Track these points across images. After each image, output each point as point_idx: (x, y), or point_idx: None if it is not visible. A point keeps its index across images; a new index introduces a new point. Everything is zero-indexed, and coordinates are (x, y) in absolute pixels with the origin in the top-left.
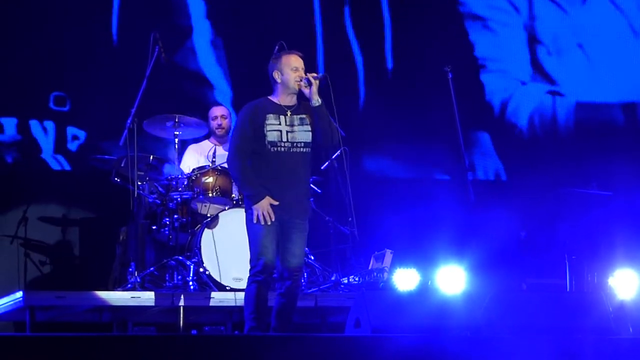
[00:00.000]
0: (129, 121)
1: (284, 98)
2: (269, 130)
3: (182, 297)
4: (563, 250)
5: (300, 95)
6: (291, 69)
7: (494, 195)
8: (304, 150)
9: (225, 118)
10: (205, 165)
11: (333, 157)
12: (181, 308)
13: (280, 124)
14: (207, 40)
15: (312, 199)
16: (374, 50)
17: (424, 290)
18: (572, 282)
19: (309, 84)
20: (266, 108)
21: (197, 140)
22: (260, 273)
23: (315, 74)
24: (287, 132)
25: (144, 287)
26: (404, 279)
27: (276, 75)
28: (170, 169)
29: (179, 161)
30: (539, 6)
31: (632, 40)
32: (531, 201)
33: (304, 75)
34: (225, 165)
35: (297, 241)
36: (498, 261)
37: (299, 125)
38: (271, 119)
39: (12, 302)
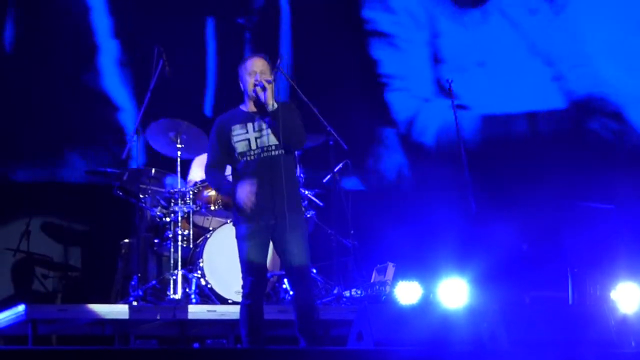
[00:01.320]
0: (132, 133)
1: (250, 104)
2: (237, 142)
3: (184, 310)
4: (565, 263)
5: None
6: (248, 74)
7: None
8: (277, 152)
9: None
10: None
11: (335, 170)
12: (183, 321)
13: (247, 132)
14: (113, 59)
15: (314, 212)
16: None
17: (427, 304)
18: (574, 295)
19: (263, 88)
20: (233, 119)
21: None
22: (248, 296)
23: (268, 77)
24: (256, 138)
25: (146, 300)
26: (406, 292)
27: (241, 82)
28: (173, 182)
29: (187, 174)
30: (442, 23)
31: (528, 56)
32: (533, 214)
33: (259, 79)
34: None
35: (292, 240)
36: (500, 274)
37: (267, 128)
38: (237, 130)
39: (14, 316)
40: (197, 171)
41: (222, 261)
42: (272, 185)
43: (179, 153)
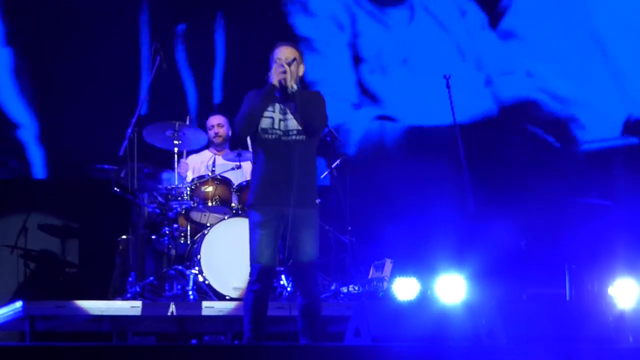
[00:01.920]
0: (129, 131)
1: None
2: (263, 117)
3: (182, 306)
4: (563, 259)
5: (301, 82)
6: (275, 60)
7: (494, 204)
8: (297, 137)
9: (222, 126)
10: (205, 175)
11: (333, 166)
12: (181, 318)
13: (274, 112)
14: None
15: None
16: (204, 84)
17: (424, 300)
18: (572, 291)
19: (284, 72)
20: None
21: (196, 150)
22: (256, 282)
23: (288, 59)
24: (280, 119)
25: (143, 297)
26: (404, 288)
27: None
28: (170, 178)
29: (179, 167)
30: (362, 23)
31: (459, 61)
32: (531, 210)
33: (282, 65)
34: (225, 174)
35: (305, 236)
36: (498, 270)
37: (291, 113)
38: None
39: (12, 312)
40: (190, 170)
41: (220, 257)
42: (290, 172)
43: (175, 149)
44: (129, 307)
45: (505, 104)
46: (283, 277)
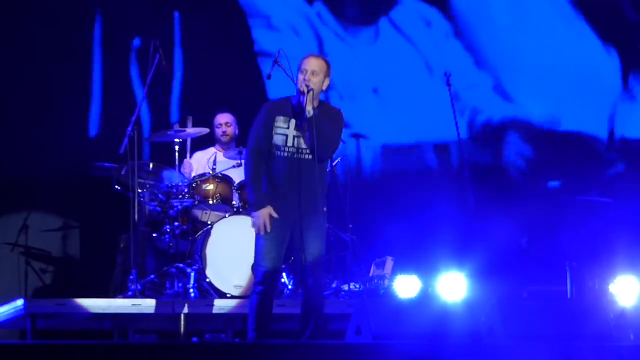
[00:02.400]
0: (129, 129)
1: (302, 100)
2: (277, 134)
3: (183, 304)
4: (564, 257)
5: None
6: (300, 71)
7: (495, 203)
8: (309, 157)
9: (230, 126)
10: (206, 173)
11: (334, 164)
12: (182, 316)
13: (288, 128)
14: None
15: None
16: (159, 102)
17: (425, 298)
18: (573, 289)
19: (303, 92)
20: (281, 109)
21: (203, 147)
22: (260, 284)
23: (313, 82)
24: (295, 136)
25: (144, 295)
26: (405, 286)
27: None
28: (171, 176)
29: (181, 168)
30: (329, 45)
31: (427, 77)
32: (532, 208)
33: (310, 79)
34: (226, 172)
35: (309, 239)
36: (499, 268)
37: (308, 130)
38: (280, 122)
39: (13, 310)
40: (196, 168)
41: (221, 256)
42: (299, 188)
43: (177, 148)
44: (130, 305)
45: (475, 123)
46: (284, 275)
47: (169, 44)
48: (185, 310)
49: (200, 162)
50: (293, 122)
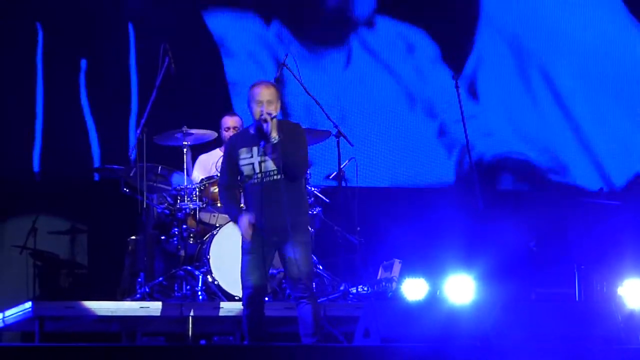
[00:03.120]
0: (138, 131)
1: (257, 128)
2: (243, 165)
3: (190, 307)
4: (572, 260)
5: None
6: (255, 102)
7: (503, 205)
8: (278, 177)
9: (238, 129)
10: (214, 175)
11: (342, 166)
12: (190, 318)
13: (252, 157)
14: None
15: (320, 209)
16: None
17: (433, 300)
18: (581, 291)
19: (265, 120)
20: (242, 141)
21: (207, 149)
22: (247, 306)
23: (272, 110)
24: (260, 162)
25: (152, 297)
26: (413, 289)
27: (249, 106)
28: (179, 179)
29: (190, 170)
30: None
31: (407, 105)
32: (540, 211)
33: (266, 109)
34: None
35: (294, 253)
36: (507, 271)
37: (272, 152)
38: (244, 153)
39: (21, 313)
40: (197, 172)
41: (229, 258)
42: (278, 207)
43: (185, 150)
44: (138, 307)
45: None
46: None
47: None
48: (193, 313)
49: (205, 165)
50: (255, 149)
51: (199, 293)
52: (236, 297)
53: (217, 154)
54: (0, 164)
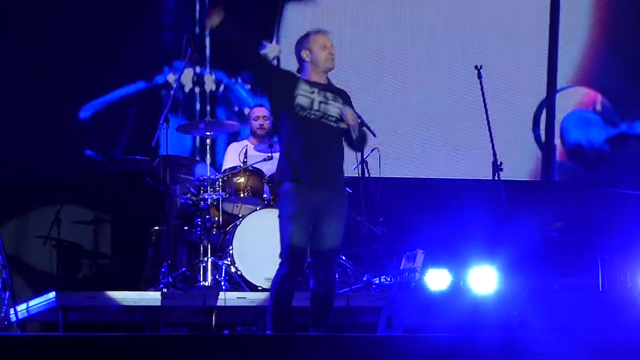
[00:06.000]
0: (161, 121)
1: (314, 76)
2: (299, 95)
3: (214, 297)
4: (595, 250)
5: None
6: (321, 47)
7: (526, 195)
8: (336, 125)
9: (267, 119)
10: (237, 166)
11: (365, 157)
12: (213, 308)
13: (313, 93)
14: None
15: None
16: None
17: (456, 291)
18: (604, 282)
19: (332, 68)
20: (303, 79)
21: (236, 139)
22: (284, 263)
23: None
24: (320, 102)
25: (176, 288)
26: (436, 279)
27: (305, 54)
28: (202, 170)
29: (222, 160)
30: None
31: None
32: (564, 201)
33: (332, 52)
34: (256, 165)
35: (329, 222)
36: (530, 261)
37: (332, 100)
38: (303, 85)
39: (44, 303)
40: (230, 159)
41: (252, 248)
42: (330, 154)
43: (208, 141)
44: (161, 297)
45: None
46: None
47: None
48: (216, 303)
49: (235, 154)
50: (316, 89)
51: (222, 283)
52: (259, 288)
53: (244, 144)
54: (23, 154)
